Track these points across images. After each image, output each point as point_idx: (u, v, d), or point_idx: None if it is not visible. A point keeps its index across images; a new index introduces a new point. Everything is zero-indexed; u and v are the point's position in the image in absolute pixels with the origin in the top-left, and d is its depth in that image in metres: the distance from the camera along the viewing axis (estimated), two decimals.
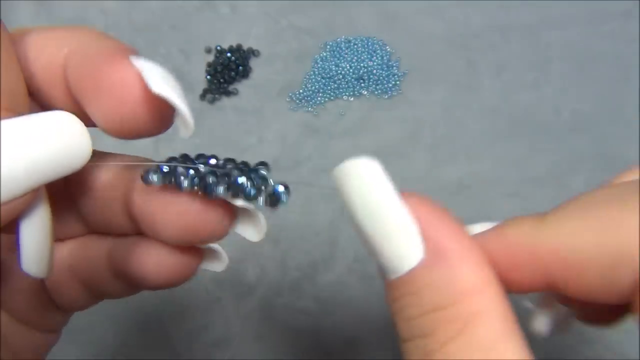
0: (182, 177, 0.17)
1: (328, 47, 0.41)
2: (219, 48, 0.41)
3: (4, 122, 0.14)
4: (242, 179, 0.17)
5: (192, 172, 0.17)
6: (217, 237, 0.19)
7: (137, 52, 0.17)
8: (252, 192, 0.17)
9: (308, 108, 0.40)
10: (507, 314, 0.14)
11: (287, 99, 0.40)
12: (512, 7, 0.42)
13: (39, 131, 0.15)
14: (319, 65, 0.40)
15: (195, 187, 0.17)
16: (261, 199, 0.17)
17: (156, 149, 0.39)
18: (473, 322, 0.14)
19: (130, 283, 0.19)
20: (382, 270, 0.16)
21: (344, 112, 0.40)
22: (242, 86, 0.40)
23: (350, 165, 0.16)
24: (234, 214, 0.18)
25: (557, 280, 0.15)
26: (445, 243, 0.15)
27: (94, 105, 0.16)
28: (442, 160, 0.39)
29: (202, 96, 0.40)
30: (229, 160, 0.18)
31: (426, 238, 0.15)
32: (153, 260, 0.19)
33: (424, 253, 0.14)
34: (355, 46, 0.41)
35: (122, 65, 0.16)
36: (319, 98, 0.40)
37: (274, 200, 0.17)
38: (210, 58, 0.41)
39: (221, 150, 0.39)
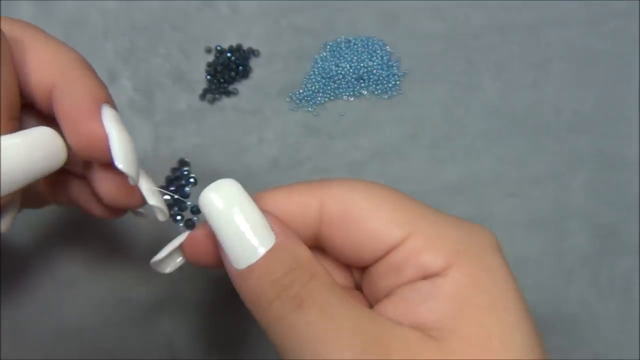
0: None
1: (328, 47, 0.41)
2: (219, 48, 0.41)
3: (7, 137, 0.21)
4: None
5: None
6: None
7: (110, 102, 0.23)
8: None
9: (308, 108, 0.40)
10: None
11: (287, 99, 0.40)
12: (512, 7, 0.42)
13: (32, 143, 0.21)
14: (319, 65, 0.40)
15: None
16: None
17: (155, 150, 0.39)
18: (314, 276, 0.20)
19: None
20: (233, 264, 0.21)
21: (344, 112, 0.40)
22: (242, 86, 0.40)
23: (214, 186, 0.21)
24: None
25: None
26: (286, 231, 0.21)
27: (69, 137, 0.22)
28: (442, 160, 0.39)
29: (202, 96, 0.40)
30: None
31: (275, 229, 0.21)
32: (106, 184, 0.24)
33: (275, 238, 0.20)
34: (355, 46, 0.41)
35: (93, 124, 0.22)
36: (319, 98, 0.40)
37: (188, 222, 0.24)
38: (210, 58, 0.41)
39: (221, 150, 0.39)
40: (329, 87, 0.40)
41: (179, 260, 0.25)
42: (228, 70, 0.40)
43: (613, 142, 0.39)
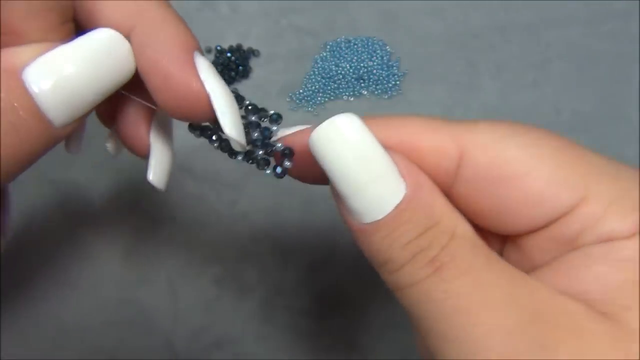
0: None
1: (328, 47, 0.41)
2: (219, 48, 0.41)
3: (64, 45, 0.17)
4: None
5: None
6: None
7: (199, 49, 0.19)
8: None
9: (308, 108, 0.40)
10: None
11: (287, 99, 0.40)
12: (512, 7, 0.42)
13: (98, 49, 0.17)
14: (319, 65, 0.40)
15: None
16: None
17: None
18: (455, 236, 0.16)
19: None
20: (355, 217, 0.17)
21: (344, 112, 0.40)
22: (242, 86, 0.40)
23: (333, 123, 0.17)
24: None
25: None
26: (420, 178, 0.17)
27: (158, 93, 0.18)
28: None
29: None
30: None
31: (405, 176, 0.17)
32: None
33: (406, 188, 0.16)
34: (355, 46, 0.41)
35: (189, 77, 0.18)
36: (319, 98, 0.40)
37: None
38: (210, 58, 0.41)
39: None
40: (329, 87, 0.40)
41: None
42: (228, 70, 0.40)
43: (613, 142, 0.39)
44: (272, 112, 0.21)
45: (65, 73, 0.17)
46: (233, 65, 0.40)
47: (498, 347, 0.15)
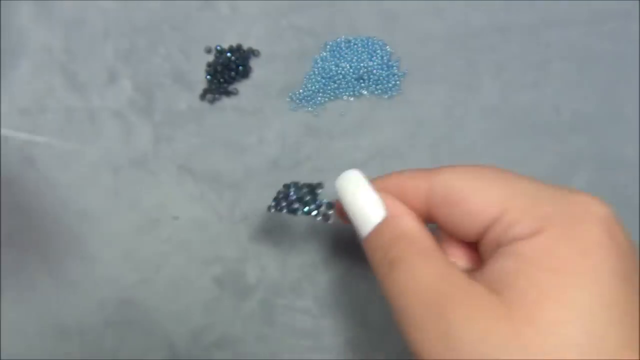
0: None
1: (328, 47, 0.41)
2: (219, 48, 0.41)
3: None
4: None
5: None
6: None
7: None
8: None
9: (308, 108, 0.40)
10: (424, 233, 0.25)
11: (287, 99, 0.40)
12: (512, 7, 0.42)
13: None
14: (319, 65, 0.40)
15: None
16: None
17: (155, 150, 0.39)
18: (412, 243, 0.24)
19: None
20: (358, 233, 0.26)
21: (344, 112, 0.40)
22: (242, 86, 0.40)
23: (344, 174, 0.27)
24: None
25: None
26: (397, 208, 0.25)
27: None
28: (442, 160, 0.39)
29: (202, 96, 0.40)
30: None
31: (388, 207, 0.25)
32: None
33: (385, 213, 0.25)
34: (355, 46, 0.41)
35: None
36: (319, 98, 0.40)
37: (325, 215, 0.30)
38: (210, 58, 0.41)
39: (221, 150, 0.39)
40: (329, 87, 0.40)
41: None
42: (228, 70, 0.40)
43: (613, 142, 0.39)
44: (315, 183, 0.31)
45: None
46: (233, 65, 0.40)
47: (412, 319, 0.22)
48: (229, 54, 0.40)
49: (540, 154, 0.39)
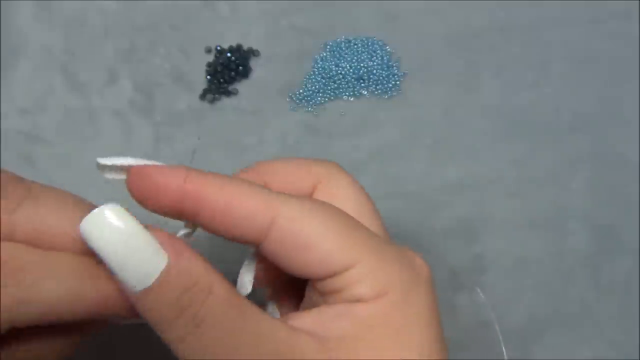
0: None
1: (328, 47, 0.41)
2: (219, 48, 0.41)
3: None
4: None
5: None
6: None
7: None
8: None
9: (308, 108, 0.40)
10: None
11: (287, 99, 0.40)
12: (512, 7, 0.42)
13: None
14: (319, 65, 0.40)
15: None
16: None
17: (155, 150, 0.39)
18: (211, 293, 0.20)
19: None
20: (129, 287, 0.20)
21: (344, 112, 0.40)
22: (242, 86, 0.40)
23: (97, 213, 0.20)
24: None
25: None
26: (179, 248, 0.20)
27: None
28: (442, 160, 0.39)
29: (202, 96, 0.40)
30: None
31: (166, 248, 0.20)
32: None
33: (168, 258, 0.20)
34: (355, 46, 0.41)
35: None
36: (319, 98, 0.40)
37: None
38: (210, 58, 0.41)
39: (221, 150, 0.39)
40: (329, 87, 0.40)
41: (120, 178, 0.25)
42: (228, 70, 0.40)
43: (613, 142, 0.39)
44: None
45: None
46: (233, 65, 0.40)
47: None
48: (229, 54, 0.40)
49: (540, 154, 0.39)
